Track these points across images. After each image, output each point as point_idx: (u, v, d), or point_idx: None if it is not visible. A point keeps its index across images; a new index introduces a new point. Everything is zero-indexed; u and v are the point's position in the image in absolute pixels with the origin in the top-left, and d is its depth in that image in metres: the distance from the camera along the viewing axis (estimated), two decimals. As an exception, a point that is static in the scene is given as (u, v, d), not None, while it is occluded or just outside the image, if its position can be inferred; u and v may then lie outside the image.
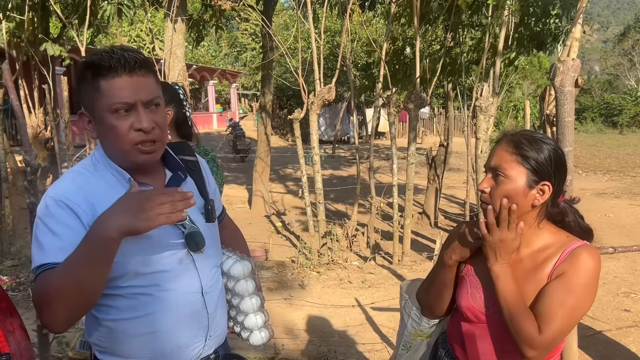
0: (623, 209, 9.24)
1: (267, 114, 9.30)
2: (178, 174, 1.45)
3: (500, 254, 1.35)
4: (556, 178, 1.35)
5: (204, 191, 1.52)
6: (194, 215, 1.44)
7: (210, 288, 1.44)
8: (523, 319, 1.30)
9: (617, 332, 4.19)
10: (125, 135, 1.27)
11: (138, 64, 1.27)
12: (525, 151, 1.34)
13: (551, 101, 5.39)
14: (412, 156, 6.06)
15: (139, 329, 1.32)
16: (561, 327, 1.30)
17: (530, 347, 1.29)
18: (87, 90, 1.29)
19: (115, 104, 1.25)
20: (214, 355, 1.48)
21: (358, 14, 9.26)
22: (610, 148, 21.27)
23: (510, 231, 1.33)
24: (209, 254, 1.45)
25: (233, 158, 16.16)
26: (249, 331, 1.57)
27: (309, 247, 6.11)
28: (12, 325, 1.09)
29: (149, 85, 1.29)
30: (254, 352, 3.67)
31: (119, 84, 1.25)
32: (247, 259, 1.59)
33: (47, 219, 1.25)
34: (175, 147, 1.54)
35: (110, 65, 1.24)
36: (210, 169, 1.67)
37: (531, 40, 7.50)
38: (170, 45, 5.66)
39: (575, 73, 2.71)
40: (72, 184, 1.31)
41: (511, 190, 1.34)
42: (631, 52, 37.17)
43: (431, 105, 25.90)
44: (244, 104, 32.22)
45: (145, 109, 1.28)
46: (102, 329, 1.34)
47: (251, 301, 1.55)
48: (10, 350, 1.06)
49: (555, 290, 1.31)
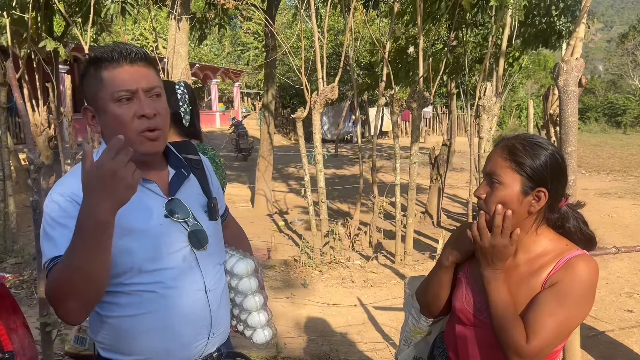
0: (626, 209, 9.21)
1: (269, 112, 9.30)
2: (181, 171, 1.46)
3: (493, 260, 1.33)
4: (553, 184, 1.32)
5: (207, 189, 1.53)
6: (198, 213, 1.45)
7: (214, 286, 1.45)
8: (511, 326, 1.28)
9: (619, 333, 4.18)
10: (129, 123, 1.29)
11: (139, 55, 1.31)
12: (519, 157, 1.32)
13: (555, 101, 5.39)
14: (415, 155, 6.06)
15: (142, 326, 1.32)
16: (550, 338, 1.27)
17: (517, 355, 1.27)
18: (90, 84, 1.32)
19: (118, 92, 1.28)
20: (216, 353, 1.48)
21: (361, 12, 9.26)
22: (614, 148, 21.21)
23: (503, 237, 1.31)
24: (212, 251, 1.45)
25: (236, 157, 16.16)
26: (252, 329, 1.57)
27: (312, 246, 6.11)
28: (15, 323, 1.10)
29: (150, 75, 1.33)
30: (257, 351, 3.68)
31: (120, 73, 1.29)
32: (250, 258, 1.59)
33: (55, 213, 1.27)
34: (179, 146, 1.56)
35: (112, 57, 1.29)
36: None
37: (536, 38, 7.49)
38: (173, 44, 5.67)
39: (578, 73, 2.70)
40: (77, 181, 1.30)
41: (506, 197, 1.32)
42: (635, 52, 37.05)
43: (434, 105, 25.89)
44: (247, 102, 32.25)
45: (146, 97, 1.31)
46: (106, 326, 1.34)
47: (254, 299, 1.55)
48: (14, 348, 1.06)
49: (547, 300, 1.29)
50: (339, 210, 9.35)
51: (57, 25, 11.23)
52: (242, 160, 15.95)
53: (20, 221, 6.55)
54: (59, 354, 3.46)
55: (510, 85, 18.98)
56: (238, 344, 2.92)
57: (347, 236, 6.69)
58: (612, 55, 43.41)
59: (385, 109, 7.01)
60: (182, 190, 1.44)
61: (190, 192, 1.47)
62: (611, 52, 45.38)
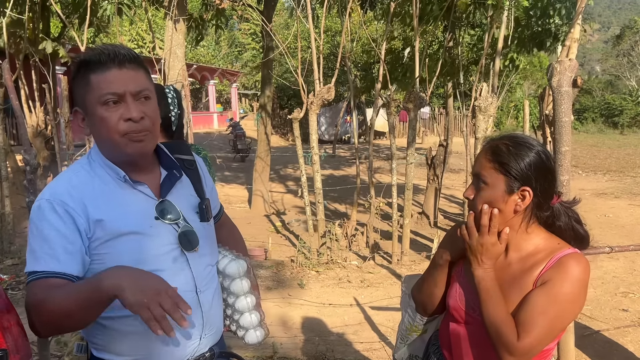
0: (622, 209, 9.25)
1: (267, 113, 9.31)
2: (173, 172, 1.45)
3: (482, 258, 1.36)
4: (538, 182, 1.34)
5: (200, 190, 1.52)
6: (189, 215, 1.44)
7: (205, 287, 1.45)
8: (502, 324, 1.30)
9: (615, 332, 4.20)
10: (114, 126, 1.28)
11: (128, 58, 1.30)
12: (502, 158, 1.34)
13: (550, 101, 5.40)
14: (411, 156, 6.07)
15: (133, 327, 1.33)
16: (541, 336, 1.28)
17: (508, 353, 1.29)
18: (79, 86, 1.32)
19: (104, 95, 1.27)
20: (209, 352, 1.48)
21: (358, 13, 9.28)
22: (611, 148, 21.28)
23: (490, 236, 1.34)
24: (203, 253, 1.45)
25: (233, 158, 16.16)
26: (245, 330, 1.57)
27: (308, 246, 6.12)
28: (8, 322, 1.11)
29: (139, 78, 1.31)
30: (253, 351, 3.69)
31: (108, 76, 1.28)
32: (243, 258, 1.59)
33: (40, 223, 1.27)
34: (173, 146, 1.55)
35: (100, 59, 1.28)
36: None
37: (531, 40, 7.51)
38: (170, 45, 5.67)
39: (572, 73, 2.72)
40: (67, 184, 1.32)
41: (491, 197, 1.35)
42: (631, 53, 37.16)
43: (431, 105, 25.93)
44: (244, 103, 32.25)
45: (134, 100, 1.30)
46: (98, 326, 1.35)
47: (246, 300, 1.56)
48: (7, 346, 1.07)
49: (539, 298, 1.30)
50: (337, 210, 9.36)
51: (54, 26, 11.21)
52: (239, 161, 15.96)
53: (17, 222, 6.55)
54: (56, 354, 3.47)
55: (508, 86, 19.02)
56: (235, 344, 2.93)
57: (344, 236, 6.70)
58: (609, 56, 43.52)
59: (381, 110, 7.02)
60: (173, 191, 1.43)
61: (182, 193, 1.46)
62: (608, 53, 45.50)
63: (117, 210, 1.32)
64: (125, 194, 1.35)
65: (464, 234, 1.38)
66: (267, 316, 1.64)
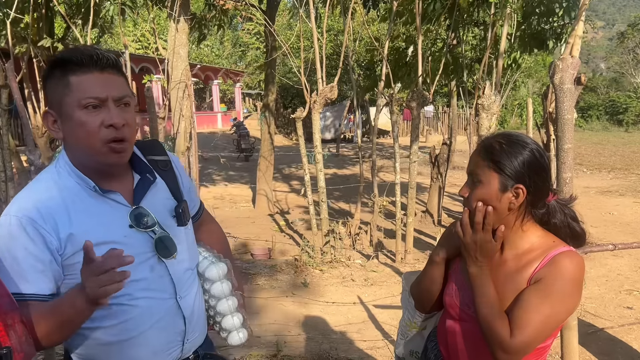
0: (627, 206, 9.21)
1: (270, 113, 9.32)
2: (147, 176, 1.40)
3: (476, 256, 1.36)
4: (532, 180, 1.34)
5: (176, 192, 1.47)
6: (165, 220, 1.40)
7: (186, 292, 1.42)
8: (496, 321, 1.30)
9: (619, 330, 4.19)
10: (95, 133, 1.24)
11: (109, 62, 1.26)
12: (495, 156, 1.35)
13: (553, 99, 5.38)
14: (415, 155, 6.07)
15: (113, 337, 1.31)
16: (534, 333, 1.29)
17: (502, 350, 1.29)
18: (55, 87, 1.25)
19: (86, 99, 1.22)
20: (193, 356, 1.48)
21: (360, 13, 9.27)
22: (616, 146, 21.19)
23: (485, 233, 1.34)
24: (181, 258, 1.42)
25: (237, 157, 16.19)
26: (227, 332, 1.56)
27: (312, 245, 6.13)
28: (12, 320, 1.12)
29: (120, 84, 1.28)
30: (257, 349, 3.70)
31: (89, 79, 1.23)
32: (223, 260, 1.56)
33: (5, 240, 1.22)
34: (145, 146, 1.49)
35: (81, 61, 1.23)
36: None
37: (532, 39, 7.47)
38: (173, 45, 5.68)
39: (574, 70, 2.72)
40: (35, 198, 1.27)
41: (484, 195, 1.35)
42: (636, 50, 36.99)
43: (435, 104, 25.90)
44: (248, 103, 32.30)
45: (115, 106, 1.26)
46: (79, 337, 1.32)
47: (227, 303, 1.53)
48: (11, 343, 1.08)
49: (532, 296, 1.31)
50: (340, 209, 9.36)
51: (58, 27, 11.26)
52: (243, 161, 15.99)
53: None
54: (60, 353, 3.49)
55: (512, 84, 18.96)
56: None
57: (347, 235, 6.70)
58: (613, 53, 43.32)
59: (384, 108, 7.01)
60: (148, 196, 1.38)
61: (157, 198, 1.41)
62: (612, 51, 45.30)
63: (88, 222, 1.27)
64: (96, 204, 1.30)
65: (459, 232, 1.38)
66: (271, 314, 1.65)
